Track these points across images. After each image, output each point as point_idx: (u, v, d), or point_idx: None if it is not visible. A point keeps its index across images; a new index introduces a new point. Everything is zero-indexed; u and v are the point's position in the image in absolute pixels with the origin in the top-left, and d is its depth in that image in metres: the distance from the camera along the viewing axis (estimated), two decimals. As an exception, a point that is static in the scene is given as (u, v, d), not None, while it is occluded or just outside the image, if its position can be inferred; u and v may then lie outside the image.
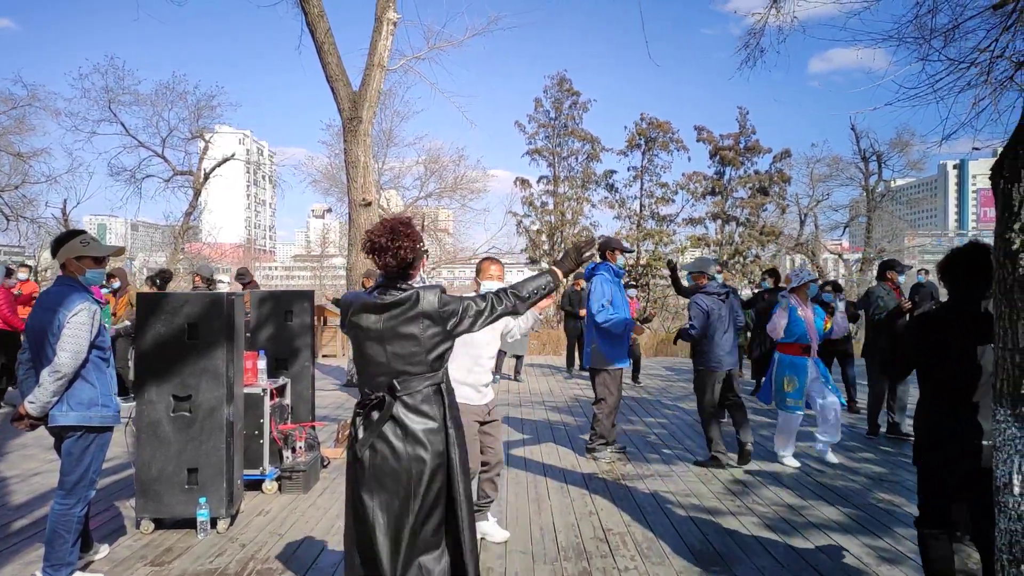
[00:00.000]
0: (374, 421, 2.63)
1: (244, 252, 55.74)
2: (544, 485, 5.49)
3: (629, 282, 10.85)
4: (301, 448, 5.44)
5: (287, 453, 5.35)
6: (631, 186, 30.49)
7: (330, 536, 4.31)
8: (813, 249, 31.33)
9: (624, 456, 6.38)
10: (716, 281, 6.40)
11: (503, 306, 2.74)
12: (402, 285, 2.67)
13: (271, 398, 5.22)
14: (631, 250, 7.41)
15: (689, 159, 37.28)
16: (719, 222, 30.44)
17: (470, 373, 4.06)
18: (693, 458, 6.31)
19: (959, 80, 5.38)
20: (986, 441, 2.86)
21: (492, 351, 4.15)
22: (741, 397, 6.23)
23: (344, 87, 9.92)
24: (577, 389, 10.67)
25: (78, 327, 3.41)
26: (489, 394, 4.19)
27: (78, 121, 23.51)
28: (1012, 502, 2.46)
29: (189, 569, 3.80)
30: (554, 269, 2.88)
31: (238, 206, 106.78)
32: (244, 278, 10.85)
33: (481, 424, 4.11)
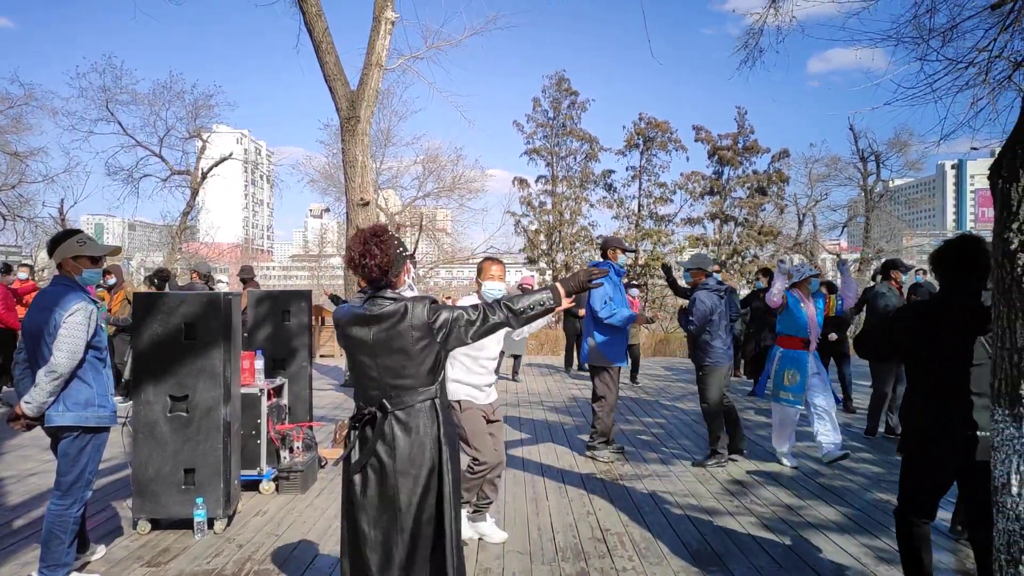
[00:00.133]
0: (367, 438, 2.58)
1: (242, 252, 55.75)
2: (542, 485, 5.49)
3: (630, 281, 10.84)
4: (298, 448, 5.43)
5: (284, 453, 5.35)
6: (629, 186, 30.54)
7: (327, 537, 4.30)
8: (811, 249, 31.36)
9: (622, 456, 6.38)
10: (715, 279, 6.40)
11: (496, 318, 2.61)
12: (390, 294, 2.59)
13: (268, 398, 5.21)
14: (633, 250, 7.39)
15: (687, 159, 37.33)
16: (717, 222, 30.47)
17: (472, 374, 4.09)
18: (691, 458, 6.31)
19: (957, 80, 5.39)
20: (981, 433, 2.85)
21: (492, 353, 4.15)
22: (730, 398, 6.29)
23: (342, 86, 9.90)
24: (575, 389, 10.66)
25: (74, 327, 3.40)
26: (493, 394, 4.21)
27: (75, 120, 23.45)
28: (1010, 502, 2.46)
29: (186, 570, 3.79)
30: (556, 286, 2.70)
31: (236, 206, 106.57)
32: (246, 274, 10.90)
33: (487, 423, 4.13)
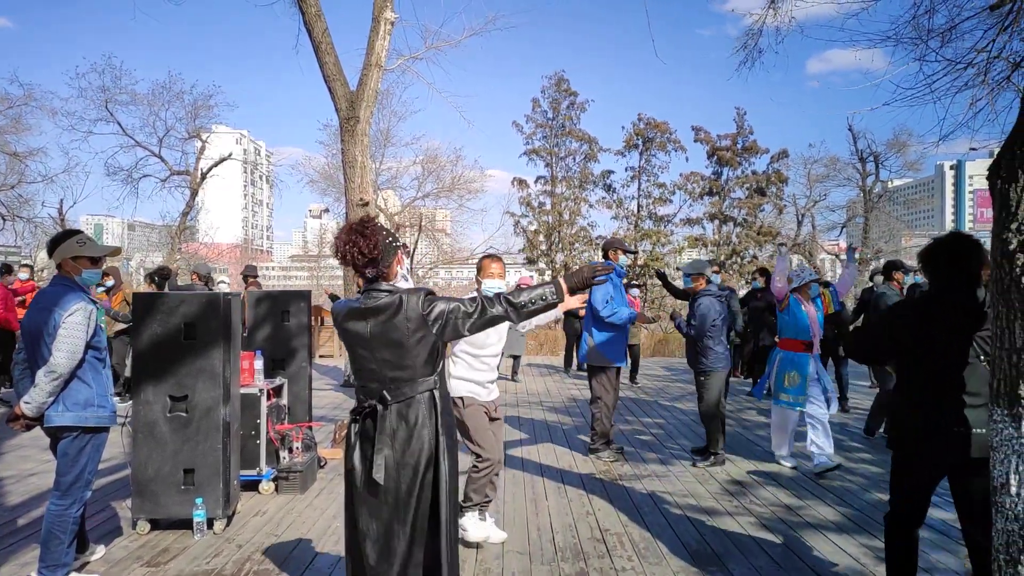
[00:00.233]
0: (367, 431, 2.58)
1: (241, 252, 55.67)
2: (541, 485, 5.49)
3: (630, 282, 10.84)
4: (298, 448, 5.43)
5: (284, 453, 5.35)
6: (628, 186, 30.53)
7: (327, 537, 4.30)
8: (810, 249, 31.39)
9: (621, 456, 6.38)
10: (714, 283, 6.41)
11: (495, 310, 2.54)
12: (385, 287, 2.57)
13: (268, 398, 5.21)
14: (634, 251, 7.38)
15: (687, 159, 37.31)
16: (716, 222, 30.47)
17: (474, 371, 4.12)
18: (690, 458, 6.31)
19: (956, 80, 5.39)
20: (978, 429, 2.84)
21: (494, 351, 4.17)
22: (723, 403, 6.34)
23: (341, 87, 9.89)
24: (575, 389, 10.66)
25: (74, 327, 3.40)
26: (494, 391, 4.23)
27: (75, 120, 23.39)
28: (1009, 502, 2.46)
29: (185, 570, 3.79)
30: (560, 281, 2.61)
31: (235, 206, 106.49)
32: (249, 272, 10.92)
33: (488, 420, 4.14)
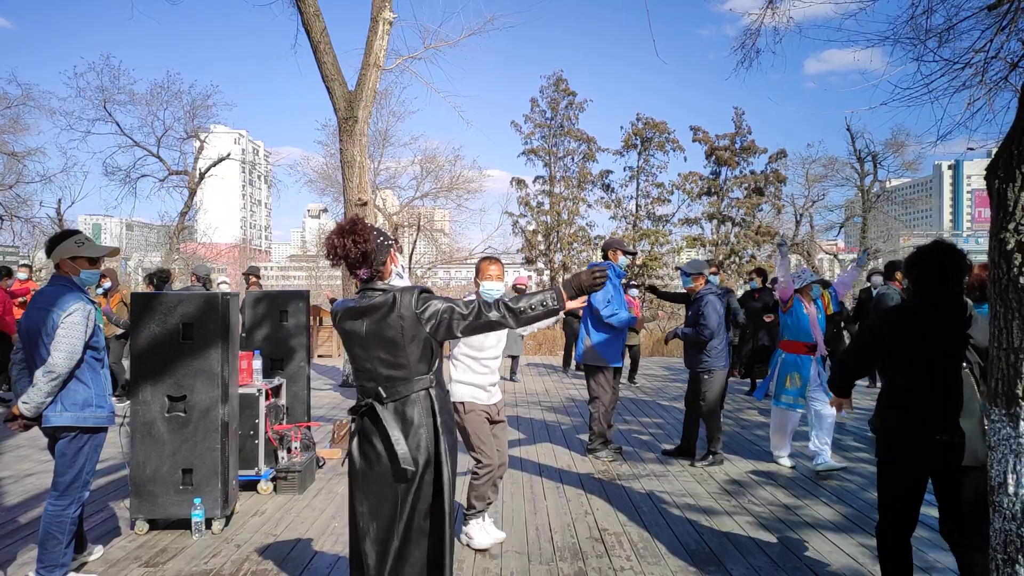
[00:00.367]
0: (365, 429, 2.58)
1: (240, 252, 55.62)
2: (540, 485, 5.49)
3: (630, 282, 10.83)
4: (297, 448, 5.42)
5: (282, 454, 5.34)
6: (627, 186, 30.58)
7: (325, 537, 4.30)
8: (809, 249, 31.44)
9: (620, 456, 6.38)
10: (713, 282, 6.40)
11: (493, 315, 2.48)
12: (380, 286, 2.57)
13: (266, 398, 5.21)
14: (634, 252, 7.36)
15: (685, 159, 37.40)
16: (715, 222, 30.52)
17: (475, 374, 4.09)
18: (688, 458, 6.30)
19: (954, 80, 5.41)
20: (967, 438, 2.86)
21: (494, 353, 4.14)
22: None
23: (340, 87, 9.90)
24: (573, 389, 10.67)
25: (72, 327, 3.40)
26: (496, 394, 4.20)
27: (73, 120, 23.50)
28: (1007, 501, 2.47)
29: (184, 570, 3.79)
30: (559, 287, 2.57)
31: (234, 206, 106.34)
32: (252, 272, 10.94)
33: (490, 424, 4.12)
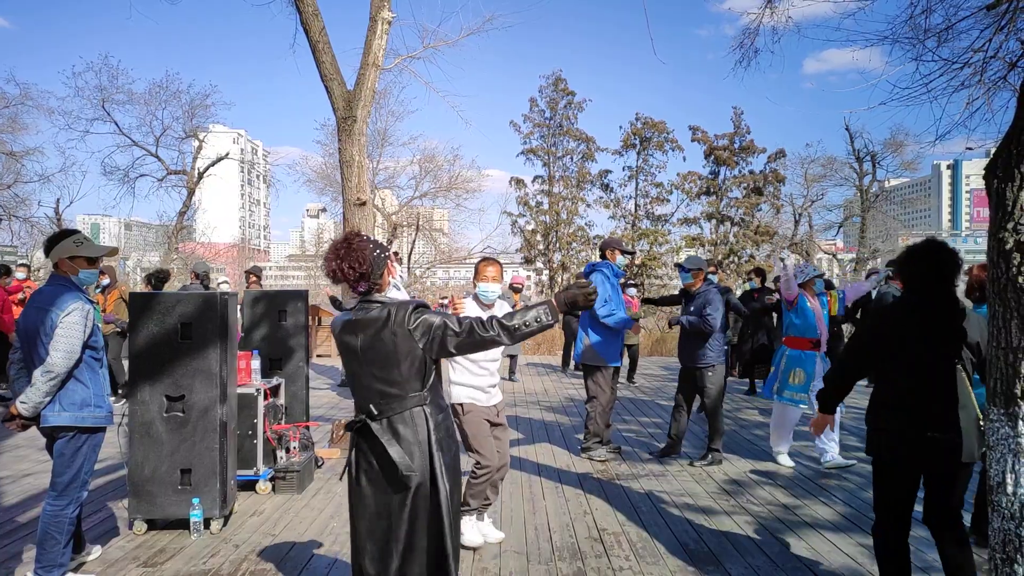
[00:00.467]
0: (360, 446, 2.56)
1: (238, 252, 55.56)
2: (539, 485, 5.49)
3: (628, 281, 10.81)
4: (295, 448, 5.42)
5: (281, 453, 5.34)
6: (626, 186, 30.64)
7: (324, 537, 4.30)
8: (807, 249, 31.45)
9: (618, 456, 6.38)
10: (711, 281, 6.40)
11: (488, 334, 2.44)
12: (377, 299, 2.55)
13: (265, 398, 5.20)
14: (632, 252, 7.33)
15: (684, 159, 37.47)
16: (714, 222, 30.56)
17: (474, 376, 4.08)
18: (687, 458, 6.31)
19: (953, 80, 5.42)
20: (965, 435, 2.86)
21: (493, 355, 4.13)
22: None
23: (339, 86, 9.88)
24: (572, 389, 10.67)
25: (71, 327, 3.39)
26: (496, 395, 4.19)
27: (71, 120, 23.49)
28: (1005, 501, 2.47)
29: (182, 570, 3.78)
30: (552, 303, 2.54)
31: (232, 206, 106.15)
32: (254, 271, 10.94)
33: (490, 426, 4.12)
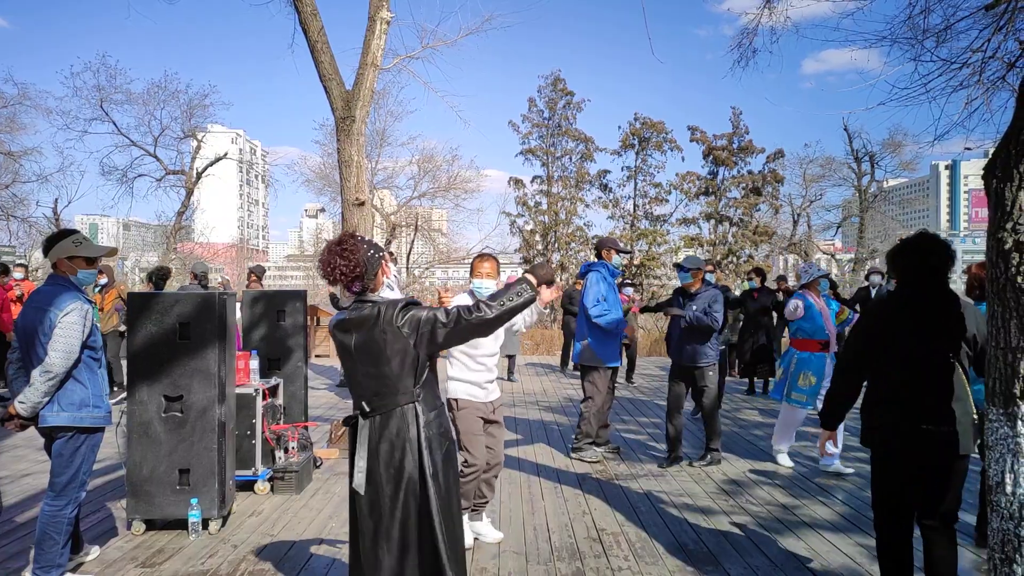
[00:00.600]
0: (354, 442, 2.57)
1: (237, 252, 55.48)
2: (538, 485, 5.49)
3: (626, 281, 10.81)
4: (294, 448, 5.41)
5: (280, 454, 5.33)
6: (625, 186, 30.63)
7: (323, 537, 4.29)
8: (806, 249, 31.48)
9: (617, 456, 6.38)
10: (709, 281, 6.40)
11: (471, 316, 2.42)
12: (370, 298, 2.56)
13: (264, 398, 5.19)
14: (628, 251, 7.33)
15: (683, 159, 37.49)
16: (712, 222, 30.56)
17: (471, 371, 4.07)
18: (686, 458, 6.30)
19: (951, 80, 5.42)
20: (961, 426, 2.86)
21: (490, 350, 4.12)
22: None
23: (337, 86, 9.88)
24: (571, 389, 10.67)
25: (70, 327, 3.39)
26: (494, 392, 4.17)
27: (69, 120, 23.51)
28: (1004, 501, 2.47)
29: (181, 570, 3.78)
30: (527, 277, 2.55)
31: (231, 206, 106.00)
32: (256, 271, 10.93)
33: (485, 423, 4.10)
